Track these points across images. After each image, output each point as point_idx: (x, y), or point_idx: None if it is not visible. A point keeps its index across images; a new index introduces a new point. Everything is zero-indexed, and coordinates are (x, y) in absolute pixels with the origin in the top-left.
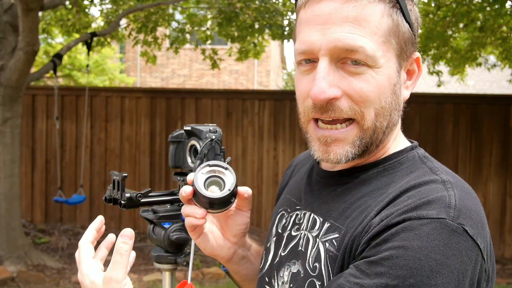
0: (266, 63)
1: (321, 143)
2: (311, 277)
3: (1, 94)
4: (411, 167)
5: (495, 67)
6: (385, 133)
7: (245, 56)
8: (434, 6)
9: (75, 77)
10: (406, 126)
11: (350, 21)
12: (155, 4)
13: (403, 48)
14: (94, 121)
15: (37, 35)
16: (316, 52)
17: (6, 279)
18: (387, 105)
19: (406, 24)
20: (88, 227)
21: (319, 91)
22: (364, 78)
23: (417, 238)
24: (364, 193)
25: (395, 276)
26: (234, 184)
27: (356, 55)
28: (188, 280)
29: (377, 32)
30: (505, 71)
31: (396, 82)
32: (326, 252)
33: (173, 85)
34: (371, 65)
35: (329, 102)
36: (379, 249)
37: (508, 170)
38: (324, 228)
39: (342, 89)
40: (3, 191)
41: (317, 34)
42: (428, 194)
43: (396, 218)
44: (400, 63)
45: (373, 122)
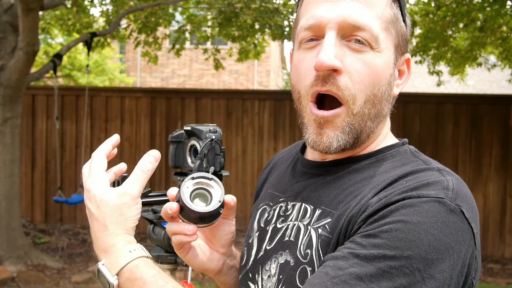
0: (266, 63)
1: (316, 125)
2: (303, 264)
3: (1, 94)
4: (404, 159)
5: (495, 67)
6: (374, 122)
7: (245, 57)
8: (434, 6)
9: (75, 77)
10: (406, 126)
11: (360, 0)
12: (155, 4)
13: (400, 42)
14: (94, 121)
15: (37, 35)
16: (323, 26)
17: (6, 279)
18: (379, 94)
19: (402, 22)
20: (104, 142)
21: (326, 58)
22: (365, 59)
23: (416, 213)
24: (356, 180)
25: (393, 247)
26: (223, 195)
27: (362, 33)
28: (188, 280)
29: (381, 17)
30: (505, 71)
31: (392, 74)
32: (318, 237)
33: (173, 85)
34: (374, 47)
35: (330, 74)
36: (376, 224)
37: (508, 170)
38: (316, 215)
39: (344, 64)
40: (3, 191)
41: (327, 9)
42: (426, 178)
43: (396, 197)
44: (396, 57)
45: (361, 108)
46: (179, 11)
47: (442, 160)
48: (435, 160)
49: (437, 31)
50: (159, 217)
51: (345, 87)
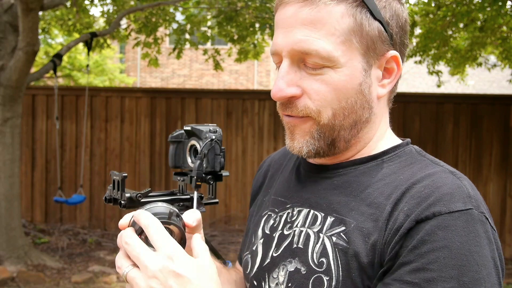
0: (266, 63)
1: (289, 131)
2: (317, 273)
3: (1, 94)
4: (410, 159)
5: (495, 67)
6: (353, 130)
7: (244, 57)
8: (434, 6)
9: (75, 77)
10: (406, 126)
11: (306, 24)
12: (155, 4)
13: (370, 47)
14: (94, 121)
15: (37, 35)
16: (280, 54)
17: (6, 279)
18: (348, 105)
19: (375, 22)
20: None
21: (277, 89)
22: (323, 79)
23: (455, 234)
24: (366, 185)
25: (449, 277)
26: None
27: (311, 57)
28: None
29: (335, 33)
30: (505, 71)
31: (362, 81)
32: (334, 246)
33: (173, 85)
34: (330, 65)
35: (289, 100)
36: (418, 253)
37: (508, 170)
38: (328, 223)
39: (302, 88)
40: (3, 191)
41: (281, 36)
42: (443, 183)
43: (425, 213)
44: (369, 62)
45: (329, 120)
46: (180, 11)
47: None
48: None
49: (437, 31)
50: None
51: (303, 107)
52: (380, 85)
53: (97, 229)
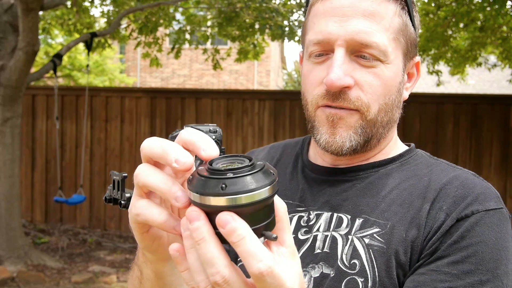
0: (266, 63)
1: (329, 124)
2: (350, 275)
3: (1, 94)
4: (426, 162)
5: (495, 67)
6: (385, 129)
7: (244, 57)
8: (434, 6)
9: (75, 77)
10: (406, 126)
11: (367, 15)
12: (155, 4)
13: (409, 49)
14: (94, 121)
15: (37, 35)
16: (332, 42)
17: (6, 279)
18: (391, 102)
19: (412, 27)
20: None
21: (336, 77)
22: (375, 72)
23: (491, 230)
24: (392, 187)
25: (485, 270)
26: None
27: (370, 49)
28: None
29: (389, 29)
30: (505, 71)
31: (401, 81)
32: (367, 247)
33: (173, 85)
34: (382, 60)
35: (341, 90)
36: (457, 247)
37: (508, 170)
38: (357, 224)
39: (355, 79)
40: (3, 191)
41: (335, 25)
42: (473, 184)
43: (465, 211)
44: (405, 63)
45: (375, 115)
46: (179, 11)
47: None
48: None
49: (437, 31)
50: None
51: (356, 99)
52: (405, 88)
53: (97, 229)
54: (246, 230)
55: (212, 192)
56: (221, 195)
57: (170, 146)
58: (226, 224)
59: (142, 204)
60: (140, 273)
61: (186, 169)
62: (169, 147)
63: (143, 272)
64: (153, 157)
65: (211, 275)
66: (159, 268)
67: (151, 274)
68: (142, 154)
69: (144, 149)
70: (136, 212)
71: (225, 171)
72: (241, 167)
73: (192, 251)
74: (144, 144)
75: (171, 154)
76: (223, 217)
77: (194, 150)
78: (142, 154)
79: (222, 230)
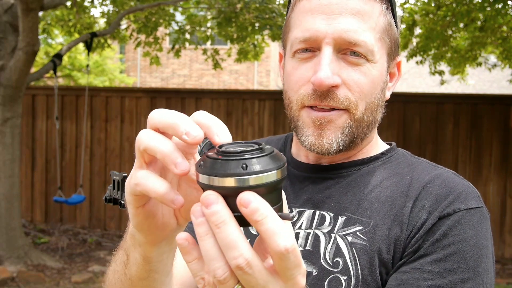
0: (266, 63)
1: (315, 127)
2: (333, 273)
3: (1, 94)
4: (407, 161)
5: (495, 67)
6: (369, 128)
7: (244, 57)
8: (434, 6)
9: (75, 77)
10: (406, 126)
11: (355, 13)
12: (155, 4)
13: (392, 49)
14: (94, 121)
15: (37, 35)
16: (320, 40)
17: (6, 279)
18: (376, 101)
19: (395, 26)
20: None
21: (325, 76)
22: (362, 70)
23: (472, 229)
24: (375, 185)
25: (467, 268)
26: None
27: (358, 48)
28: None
29: (375, 28)
30: (505, 71)
31: (385, 81)
32: (350, 245)
33: (173, 85)
34: (369, 59)
35: (329, 90)
36: (440, 245)
37: (508, 170)
38: (340, 222)
39: (342, 78)
40: (3, 191)
41: (323, 23)
42: (454, 183)
43: (447, 210)
44: (389, 63)
45: (362, 114)
46: (179, 11)
47: (442, 160)
48: (436, 160)
49: (437, 31)
50: None
51: (344, 98)
52: (386, 88)
53: (97, 229)
54: (269, 208)
55: (233, 173)
56: (243, 175)
57: (182, 118)
58: (249, 203)
59: (143, 174)
60: (127, 257)
61: (195, 142)
62: (181, 118)
63: (130, 256)
64: (163, 125)
65: (233, 259)
66: (147, 252)
67: (138, 258)
68: (149, 122)
69: (154, 117)
70: (135, 181)
71: (242, 153)
72: (255, 149)
73: (208, 237)
74: (153, 112)
75: (183, 126)
76: (245, 196)
77: (208, 134)
78: (150, 122)
79: (245, 210)
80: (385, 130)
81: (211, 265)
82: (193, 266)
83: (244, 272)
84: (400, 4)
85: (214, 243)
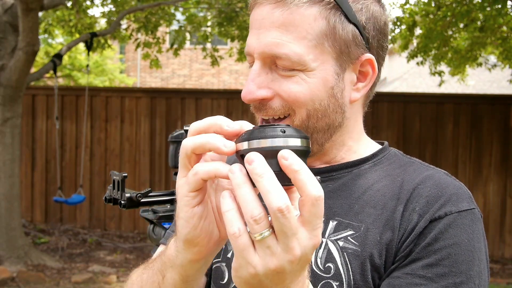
0: None
1: None
2: (325, 279)
3: (1, 94)
4: (399, 161)
5: (495, 67)
6: (328, 133)
7: (245, 57)
8: (434, 6)
9: (75, 77)
10: (406, 126)
11: (277, 26)
12: (155, 4)
13: (344, 51)
14: (94, 121)
15: (37, 35)
16: (252, 55)
17: (6, 279)
18: (322, 108)
19: (349, 25)
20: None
21: (246, 92)
22: (295, 81)
23: (463, 232)
24: (365, 188)
25: (459, 272)
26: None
27: (281, 61)
28: None
29: (306, 36)
30: (505, 71)
31: (334, 85)
32: (342, 251)
33: (173, 85)
34: (300, 69)
35: (261, 102)
36: (432, 249)
37: (508, 170)
38: (331, 227)
39: (274, 89)
40: (3, 191)
41: (253, 37)
42: (446, 184)
43: (438, 212)
44: (342, 65)
45: (303, 121)
46: (180, 11)
47: (442, 160)
48: (436, 160)
49: (438, 31)
50: (159, 217)
51: (279, 108)
52: (354, 89)
53: (97, 229)
54: (301, 162)
55: (273, 135)
56: (281, 137)
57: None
58: (289, 156)
59: (200, 165)
60: (162, 277)
61: (236, 132)
62: (218, 117)
63: (166, 276)
64: (203, 127)
65: (274, 202)
66: (187, 271)
67: (176, 278)
68: (190, 132)
69: (193, 125)
70: (195, 171)
71: (277, 125)
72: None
73: (245, 185)
74: (191, 125)
75: (223, 121)
76: (285, 151)
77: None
78: (191, 130)
79: (285, 162)
80: (385, 130)
81: (248, 206)
82: (230, 213)
83: (283, 215)
84: (400, 5)
85: (251, 189)
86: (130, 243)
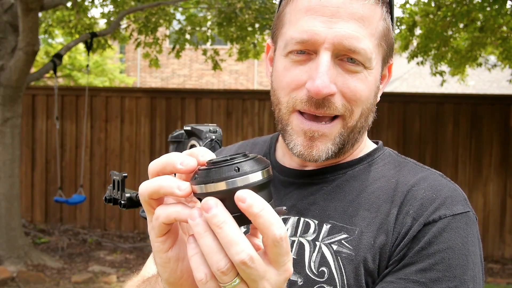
0: None
1: (306, 138)
2: (319, 283)
3: (1, 94)
4: (394, 162)
5: (495, 67)
6: (361, 133)
7: (245, 56)
8: (434, 6)
9: (75, 77)
10: (406, 126)
11: (356, 18)
12: (155, 4)
13: (388, 53)
14: (94, 121)
15: (37, 35)
16: (318, 44)
17: (6, 279)
18: (370, 106)
19: (392, 31)
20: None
21: (323, 85)
22: (359, 78)
23: (458, 236)
24: (360, 190)
25: (452, 277)
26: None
27: (357, 55)
28: None
29: (374, 34)
30: (505, 71)
31: (378, 85)
32: (335, 255)
33: (173, 85)
34: (366, 66)
35: (325, 98)
36: (425, 254)
37: (508, 170)
38: (325, 230)
39: (338, 85)
40: (3, 191)
41: (322, 25)
42: (440, 186)
43: (432, 216)
44: (382, 67)
45: (357, 121)
46: (179, 11)
47: (442, 160)
48: (436, 160)
49: (438, 31)
50: None
51: (341, 106)
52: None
53: (97, 229)
54: (264, 202)
55: (228, 176)
56: (236, 177)
57: (175, 154)
58: (246, 198)
59: (160, 208)
60: None
61: (191, 169)
62: (173, 154)
63: None
64: (159, 167)
65: (237, 254)
66: None
67: None
68: (149, 173)
69: (150, 166)
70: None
71: (231, 159)
72: (241, 155)
73: (207, 234)
74: (149, 165)
75: (176, 159)
76: (242, 193)
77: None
78: (149, 172)
79: (243, 205)
80: (385, 130)
81: (213, 257)
82: (195, 259)
83: (247, 266)
84: (400, 5)
85: (213, 238)
86: (130, 243)
